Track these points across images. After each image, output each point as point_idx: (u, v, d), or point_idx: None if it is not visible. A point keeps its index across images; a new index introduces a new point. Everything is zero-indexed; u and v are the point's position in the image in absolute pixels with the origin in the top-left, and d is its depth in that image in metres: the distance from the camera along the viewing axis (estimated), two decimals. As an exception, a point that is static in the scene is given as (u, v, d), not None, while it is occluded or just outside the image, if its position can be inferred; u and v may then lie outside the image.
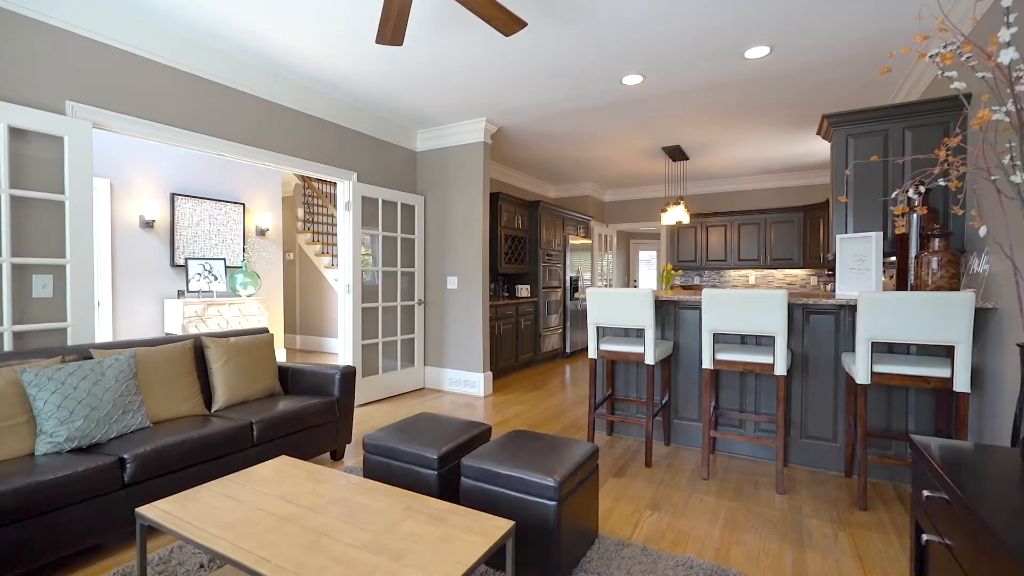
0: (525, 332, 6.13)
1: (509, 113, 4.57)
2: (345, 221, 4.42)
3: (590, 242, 7.82)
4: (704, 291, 2.85)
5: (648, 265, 12.88)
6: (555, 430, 3.83)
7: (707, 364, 2.90)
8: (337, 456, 3.17)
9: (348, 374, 3.16)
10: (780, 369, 2.70)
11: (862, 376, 2.48)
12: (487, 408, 4.47)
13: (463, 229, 4.93)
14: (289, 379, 3.28)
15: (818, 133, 3.40)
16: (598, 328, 3.25)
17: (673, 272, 5.37)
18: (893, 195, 1.82)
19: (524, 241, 6.42)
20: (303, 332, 7.90)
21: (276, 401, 2.95)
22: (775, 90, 4.01)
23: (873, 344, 2.68)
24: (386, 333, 4.79)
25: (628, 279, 12.18)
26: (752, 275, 7.64)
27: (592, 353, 3.26)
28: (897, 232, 2.10)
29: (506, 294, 6.49)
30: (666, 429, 3.45)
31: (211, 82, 3.39)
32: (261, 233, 6.16)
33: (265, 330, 3.37)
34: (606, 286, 8.51)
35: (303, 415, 2.86)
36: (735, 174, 7.29)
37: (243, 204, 5.92)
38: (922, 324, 2.30)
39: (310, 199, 7.97)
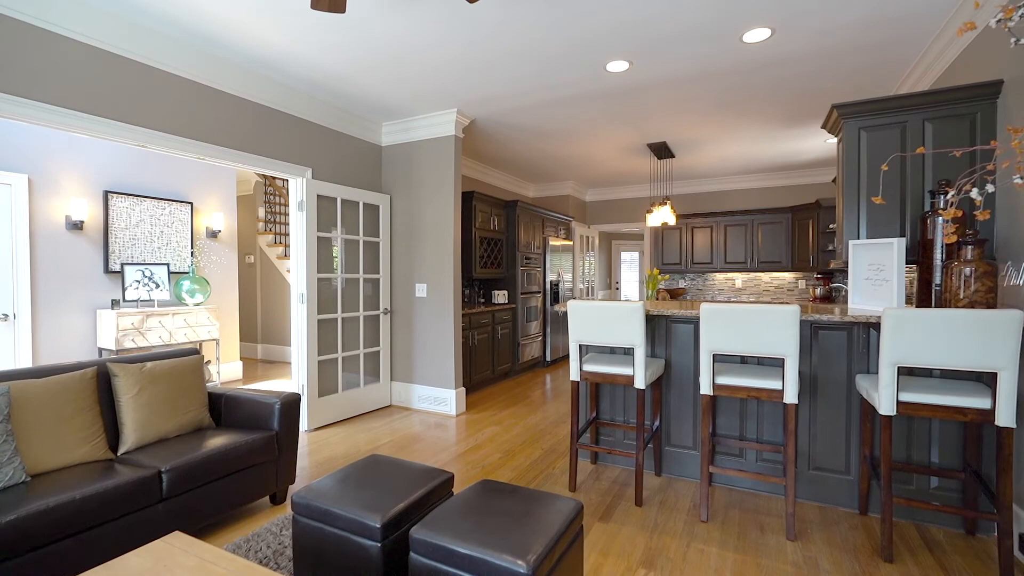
0: (502, 341, 5.72)
1: (481, 103, 4.14)
2: (298, 222, 3.94)
3: (571, 243, 7.45)
4: (703, 306, 2.47)
5: (630, 266, 12.59)
6: (534, 457, 3.43)
7: (705, 389, 2.52)
8: (277, 500, 2.71)
9: (290, 404, 2.70)
10: (790, 396, 2.34)
11: (886, 406, 2.13)
12: (459, 429, 4.04)
13: (433, 231, 4.49)
14: (223, 408, 2.80)
15: (823, 127, 3.06)
16: (581, 346, 2.85)
17: (660, 277, 5.02)
18: (947, 198, 1.46)
19: (501, 243, 6.00)
20: (265, 341, 7.34)
21: (202, 438, 2.48)
22: (770, 81, 3.67)
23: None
24: (347, 346, 4.32)
25: (610, 281, 11.87)
26: (738, 278, 7.37)
27: (574, 374, 2.86)
28: (947, 241, 1.75)
29: (482, 300, 6.06)
30: (657, 457, 3.08)
31: (130, 61, 2.88)
32: (213, 235, 5.61)
33: (194, 351, 2.88)
34: (587, 289, 8.16)
35: (232, 456, 2.39)
36: (722, 173, 7.00)
37: (191, 203, 5.36)
38: (960, 347, 1.96)
39: (272, 198, 7.41)
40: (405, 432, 3.99)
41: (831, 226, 6.14)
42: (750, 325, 2.36)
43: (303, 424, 3.96)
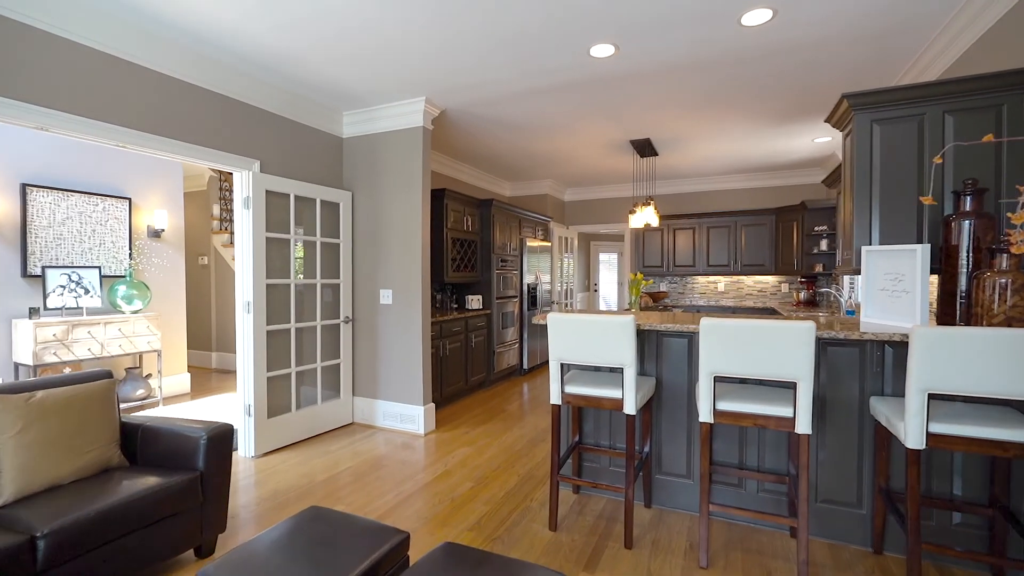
0: (476, 350, 5.34)
1: (452, 92, 3.76)
2: (244, 221, 3.48)
3: (549, 245, 7.12)
4: (703, 322, 2.15)
5: (609, 267, 12.37)
6: (510, 486, 3.06)
7: (705, 416, 2.20)
8: (204, 552, 2.28)
9: (219, 437, 2.27)
10: (803, 425, 2.04)
11: (914, 438, 1.84)
12: (427, 451, 3.65)
13: (400, 232, 4.08)
14: (139, 442, 2.35)
15: (828, 120, 2.78)
16: (562, 365, 2.50)
17: (644, 281, 4.73)
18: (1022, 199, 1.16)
19: (475, 245, 5.62)
20: (220, 349, 6.79)
21: (106, 484, 2.03)
22: (765, 73, 3.39)
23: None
24: (303, 359, 3.88)
25: (589, 283, 11.62)
26: (721, 282, 7.16)
27: (555, 396, 2.51)
28: (1014, 251, 1.46)
29: (455, 306, 5.67)
30: (647, 486, 2.75)
31: (20, 24, 2.40)
32: (155, 234, 5.07)
33: (105, 373, 2.41)
34: (566, 291, 7.84)
35: (140, 506, 1.96)
36: (705, 173, 6.77)
37: (129, 199, 4.82)
38: (1006, 372, 1.68)
39: (227, 194, 6.86)
40: (367, 455, 3.58)
41: (816, 228, 5.96)
42: (758, 343, 2.05)
43: (249, 450, 3.51)
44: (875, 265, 2.34)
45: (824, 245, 5.92)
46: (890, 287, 2.25)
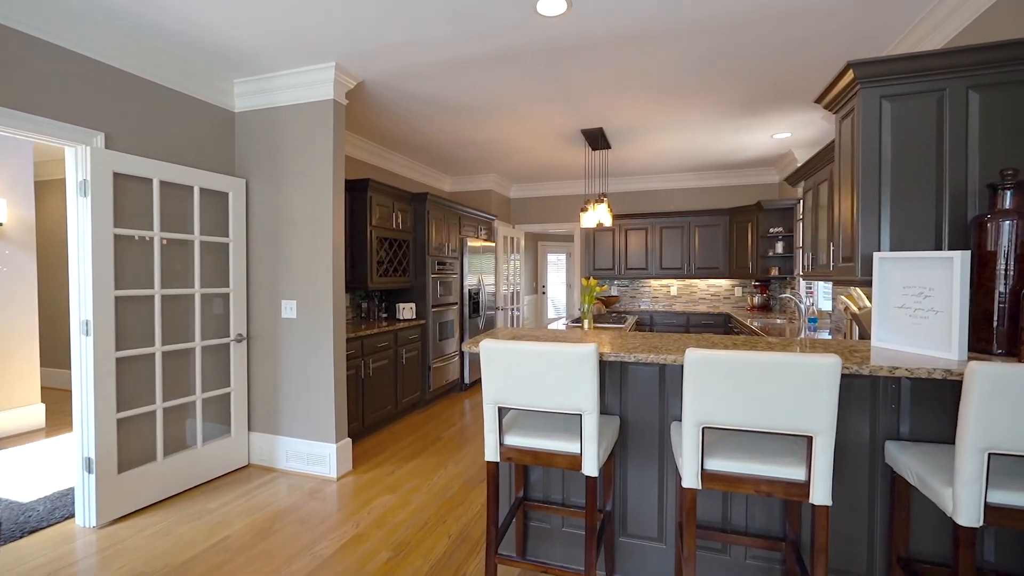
0: (408, 366, 4.62)
1: (370, 58, 3.04)
2: (79, 213, 2.61)
3: (493, 245, 6.49)
4: (690, 355, 1.58)
5: (557, 268, 11.93)
6: (437, 554, 2.40)
7: (690, 480, 1.64)
8: None
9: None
10: (822, 494, 1.51)
11: (968, 511, 1.35)
12: (340, 503, 2.92)
13: (306, 229, 3.32)
14: None
15: (820, 100, 2.32)
16: (500, 409, 1.87)
17: (597, 288, 4.21)
18: None
19: (406, 245, 4.90)
20: (100, 367, 5.65)
21: None
22: (742, 44, 2.92)
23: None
24: (175, 392, 3.04)
25: (536, 285, 11.11)
26: (674, 285, 6.81)
27: (490, 451, 1.88)
28: None
29: (384, 316, 4.93)
30: (608, 552, 2.18)
31: None
32: (-7, 230, 3.99)
33: None
34: (512, 294, 7.25)
35: None
36: (659, 171, 6.38)
37: (-50, 183, 3.74)
38: (1104, 432, 1.21)
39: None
40: (261, 513, 2.80)
41: (772, 230, 5.70)
42: (765, 384, 1.50)
43: (89, 518, 2.64)
44: (890, 276, 1.87)
45: (780, 247, 5.67)
46: (911, 304, 1.79)
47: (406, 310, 4.80)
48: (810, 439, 1.52)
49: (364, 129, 4.52)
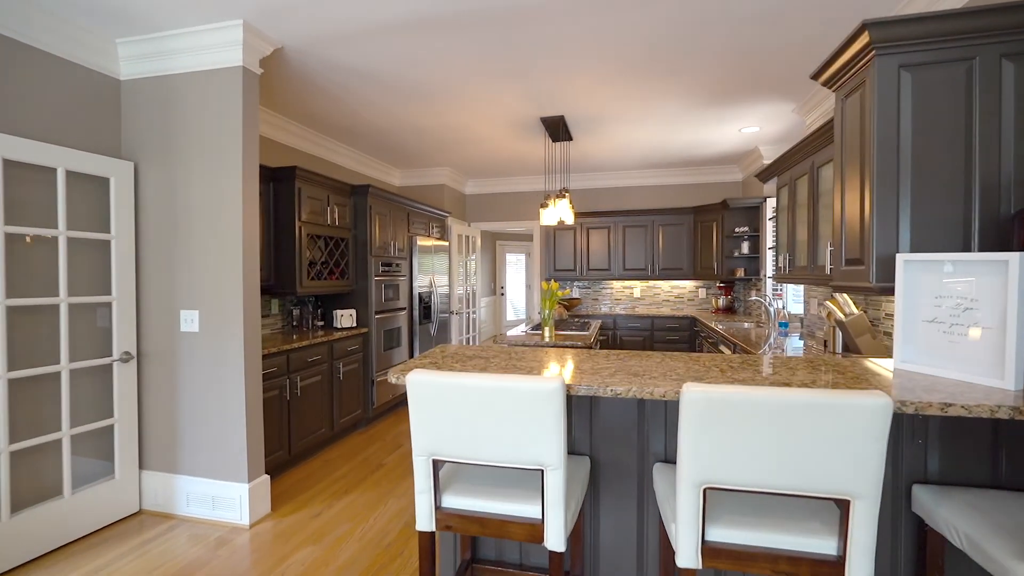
0: (347, 382, 4.07)
1: (288, 15, 2.50)
2: None
3: (447, 244, 6.00)
4: (688, 392, 1.17)
5: (516, 268, 11.54)
6: (363, 632, 1.91)
7: (687, 557, 1.23)
8: None
9: None
10: (862, 571, 1.14)
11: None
12: (253, 557, 2.37)
13: (212, 223, 2.73)
14: None
15: (817, 76, 1.98)
16: (435, 462, 1.41)
17: (559, 292, 3.80)
18: None
19: (345, 244, 4.34)
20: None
21: None
22: (710, 15, 2.57)
23: None
24: (30, 428, 2.39)
25: (495, 286, 10.68)
26: (637, 287, 6.53)
27: (422, 519, 1.42)
28: None
29: (320, 324, 4.34)
30: (577, 623, 1.76)
31: None
32: None
33: None
34: (468, 296, 6.77)
35: None
36: (622, 167, 6.06)
37: None
38: None
39: None
40: (154, 574, 2.22)
41: (737, 230, 5.48)
42: (790, 433, 1.11)
43: None
44: (917, 283, 1.54)
45: (746, 248, 5.46)
46: (946, 319, 1.45)
47: (345, 317, 4.24)
48: (847, 503, 1.14)
49: (294, 110, 3.93)
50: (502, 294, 10.89)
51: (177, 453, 2.82)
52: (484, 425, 1.31)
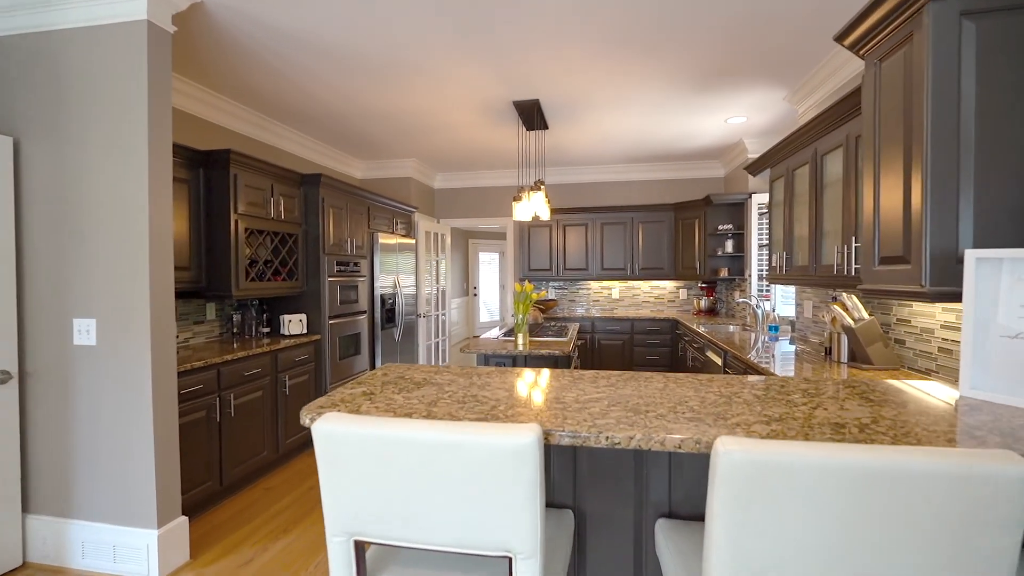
0: (295, 396, 3.59)
1: (198, -44, 2.04)
2: None
3: (413, 242, 5.54)
4: (725, 451, 0.79)
5: (490, 267, 11.13)
6: None
7: None
8: None
9: None
10: None
11: None
12: (145, 634, 1.90)
13: (114, 213, 2.24)
14: None
15: (841, 38, 1.64)
16: (358, 545, 0.99)
17: (534, 295, 3.42)
18: None
19: (294, 241, 3.86)
20: None
21: None
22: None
23: None
24: None
25: (468, 286, 10.25)
26: (616, 288, 6.21)
27: (348, 619, 1.00)
28: None
29: (266, 331, 3.84)
30: None
31: None
32: None
33: None
34: (438, 297, 6.33)
35: None
36: (600, 161, 5.72)
37: None
38: None
39: None
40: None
41: (721, 227, 5.21)
42: (903, 516, 0.74)
43: None
44: (993, 288, 1.20)
45: (730, 246, 5.19)
46: (1037, 334, 1.12)
47: (294, 323, 3.76)
48: (955, 615, 0.77)
49: (230, 85, 3.42)
50: (475, 295, 10.47)
51: (71, 493, 2.31)
52: (427, 495, 0.90)
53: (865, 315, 2.43)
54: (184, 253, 3.03)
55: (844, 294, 2.50)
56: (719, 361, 3.44)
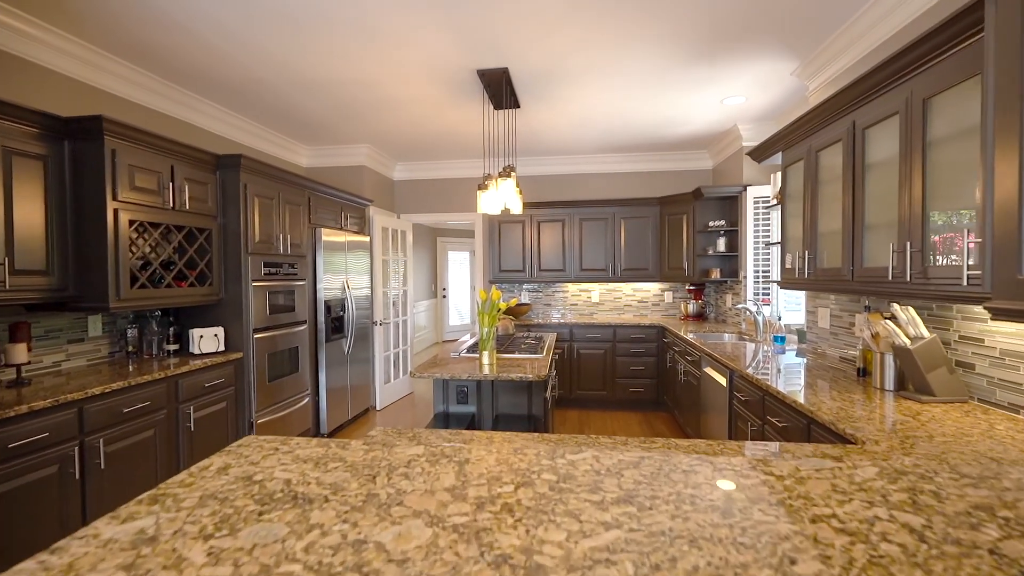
0: (207, 431, 2.88)
1: None
2: None
3: (367, 239, 4.84)
4: None
5: (460, 267, 10.45)
6: None
7: None
8: None
9: None
10: None
11: None
12: None
13: None
14: None
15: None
16: None
17: (502, 304, 2.80)
18: None
19: (207, 237, 3.13)
20: None
21: None
22: None
23: None
24: None
25: (436, 288, 9.55)
26: (596, 291, 5.64)
27: None
28: None
29: (171, 348, 3.10)
30: None
31: None
32: None
33: None
34: (401, 301, 5.64)
35: None
36: (579, 150, 5.14)
37: None
38: None
39: None
40: None
41: (712, 224, 4.70)
42: None
43: None
44: None
45: (722, 245, 4.68)
46: None
47: (206, 339, 3.04)
48: None
49: (114, 39, 2.68)
50: (444, 296, 9.79)
51: None
52: None
53: (924, 332, 1.90)
54: (38, 252, 2.29)
55: (896, 306, 1.96)
56: (723, 381, 2.89)
